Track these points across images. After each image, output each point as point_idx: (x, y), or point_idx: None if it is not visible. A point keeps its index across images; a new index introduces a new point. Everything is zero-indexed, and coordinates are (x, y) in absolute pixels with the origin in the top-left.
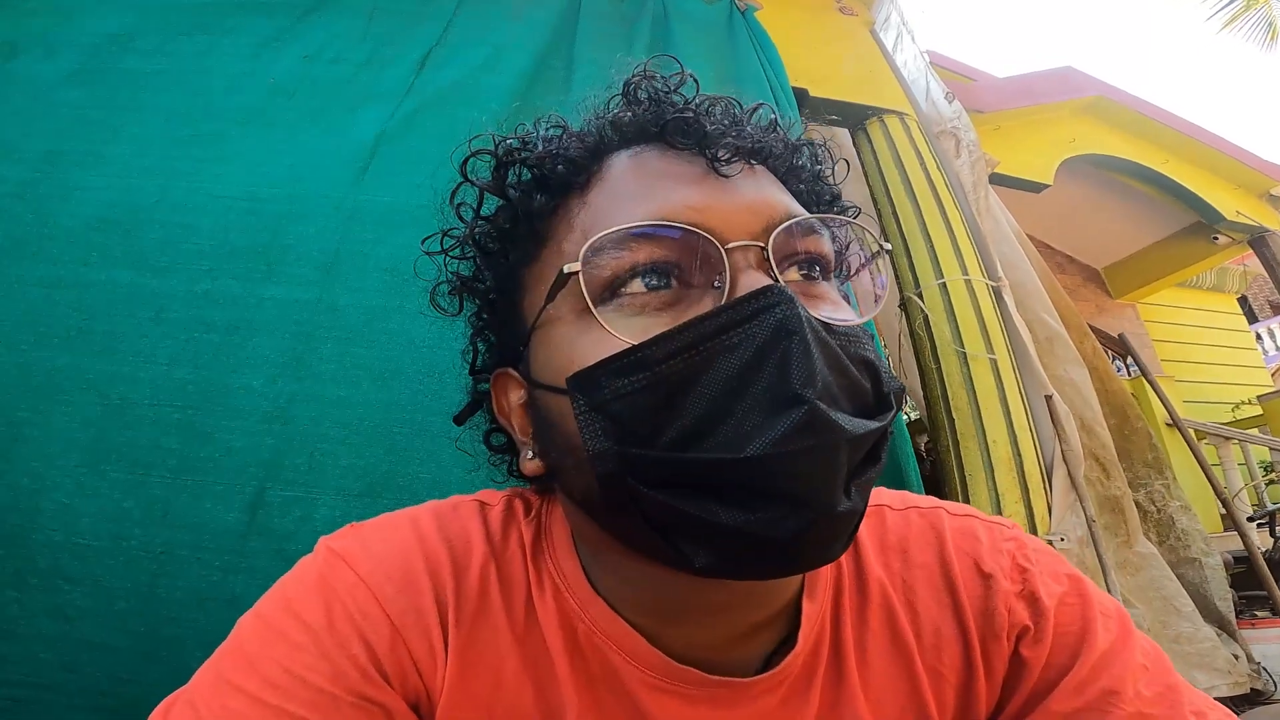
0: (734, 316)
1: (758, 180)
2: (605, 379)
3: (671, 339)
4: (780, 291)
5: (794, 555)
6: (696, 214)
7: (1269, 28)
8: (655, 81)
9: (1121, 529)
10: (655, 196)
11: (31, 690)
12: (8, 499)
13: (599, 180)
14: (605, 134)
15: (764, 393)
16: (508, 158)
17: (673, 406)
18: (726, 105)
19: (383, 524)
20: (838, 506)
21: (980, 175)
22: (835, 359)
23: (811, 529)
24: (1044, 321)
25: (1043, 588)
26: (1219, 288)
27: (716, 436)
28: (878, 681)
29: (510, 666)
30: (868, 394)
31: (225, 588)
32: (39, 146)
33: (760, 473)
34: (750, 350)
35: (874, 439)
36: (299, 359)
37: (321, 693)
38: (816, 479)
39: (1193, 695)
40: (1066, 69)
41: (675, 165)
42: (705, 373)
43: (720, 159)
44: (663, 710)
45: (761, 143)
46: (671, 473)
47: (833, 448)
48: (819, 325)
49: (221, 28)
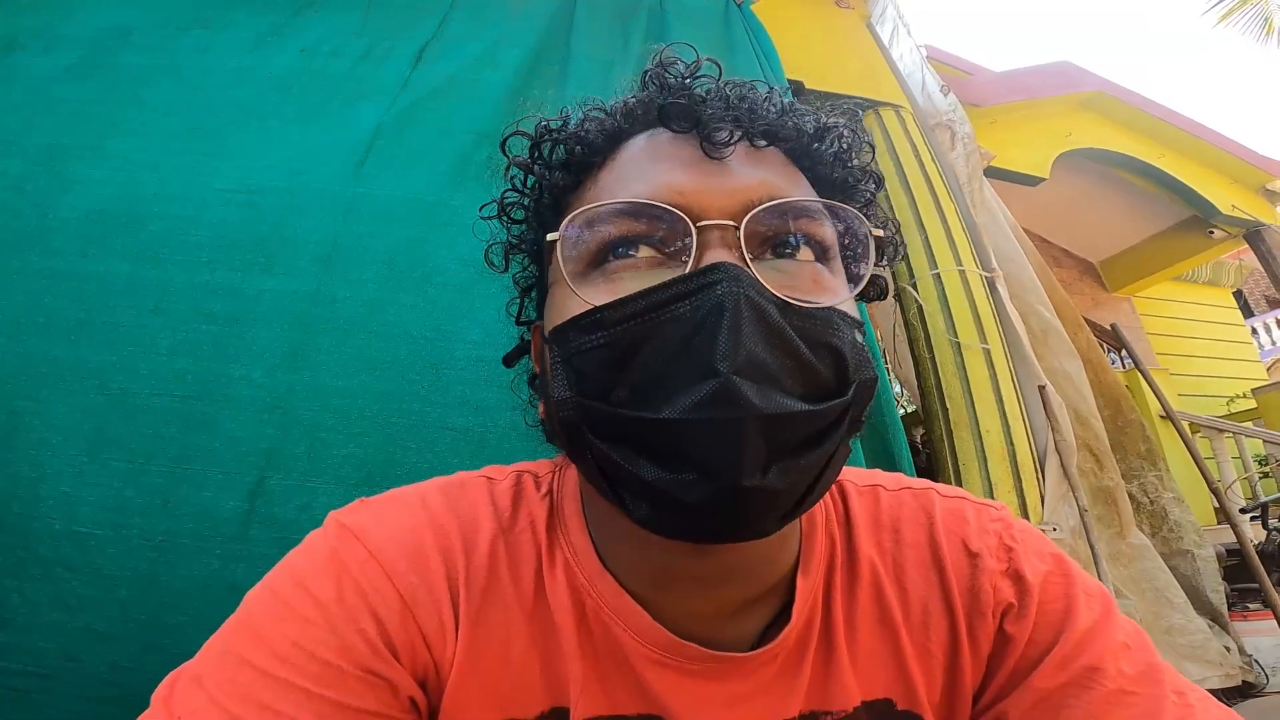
0: (680, 290)
1: (755, 163)
2: (573, 335)
3: (625, 304)
4: (725, 268)
5: (714, 522)
6: (677, 194)
7: (1265, 22)
8: (670, 68)
9: (1114, 520)
10: (647, 177)
11: (34, 680)
12: (9, 488)
13: (613, 161)
14: (621, 119)
15: (689, 363)
16: (540, 137)
17: (622, 366)
18: (744, 90)
19: (393, 499)
20: (743, 481)
21: (975, 168)
22: (780, 338)
23: (720, 499)
24: (1039, 314)
25: (1027, 566)
26: (1215, 282)
27: (648, 397)
28: (865, 657)
29: (518, 641)
30: (822, 376)
31: (226, 576)
32: (39, 140)
33: (671, 436)
34: (690, 322)
35: (807, 421)
36: (298, 350)
37: (329, 666)
38: (722, 451)
39: (1174, 676)
40: (1063, 64)
41: (675, 148)
42: (651, 338)
43: (712, 142)
44: (663, 684)
45: (768, 125)
46: (614, 426)
47: (738, 422)
48: (768, 305)
49: (219, 23)
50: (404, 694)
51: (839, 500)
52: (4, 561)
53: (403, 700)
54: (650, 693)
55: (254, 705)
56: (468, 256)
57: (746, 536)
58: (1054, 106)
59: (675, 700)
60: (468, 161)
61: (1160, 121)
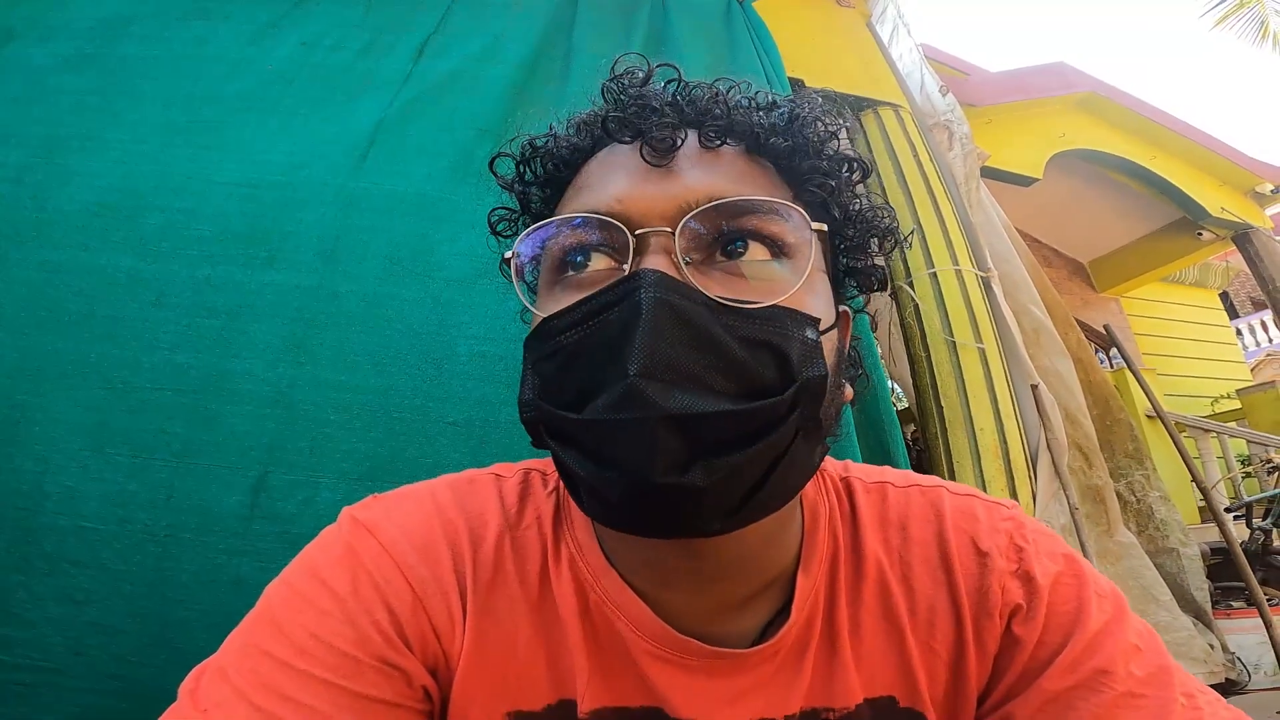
0: (608, 298)
1: (704, 165)
2: (532, 343)
3: (566, 314)
4: (644, 274)
5: (645, 518)
6: (616, 203)
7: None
8: (622, 80)
9: (1102, 518)
10: (598, 189)
11: (40, 674)
12: (12, 483)
13: (577, 176)
14: (585, 134)
15: (609, 367)
16: (523, 157)
17: (566, 371)
18: (694, 91)
19: (404, 495)
20: (656, 479)
21: (972, 168)
22: (704, 339)
23: (639, 495)
24: (1031, 313)
25: (1038, 566)
26: (1201, 283)
27: (580, 401)
28: (870, 655)
29: (524, 634)
30: (755, 375)
31: (230, 570)
32: (37, 132)
33: (591, 435)
34: (615, 328)
35: (729, 420)
36: (299, 344)
37: (345, 657)
38: (632, 449)
39: (1184, 678)
40: (1059, 64)
41: (624, 159)
42: (585, 345)
43: (653, 150)
44: (664, 679)
45: (716, 125)
46: (557, 426)
47: (641, 422)
48: (692, 306)
49: (218, 14)
50: (417, 683)
51: (844, 497)
52: (9, 557)
53: (416, 690)
54: (652, 686)
55: (276, 696)
56: (469, 251)
57: (692, 534)
58: (1049, 107)
59: (676, 695)
60: (469, 157)
61: (1153, 123)
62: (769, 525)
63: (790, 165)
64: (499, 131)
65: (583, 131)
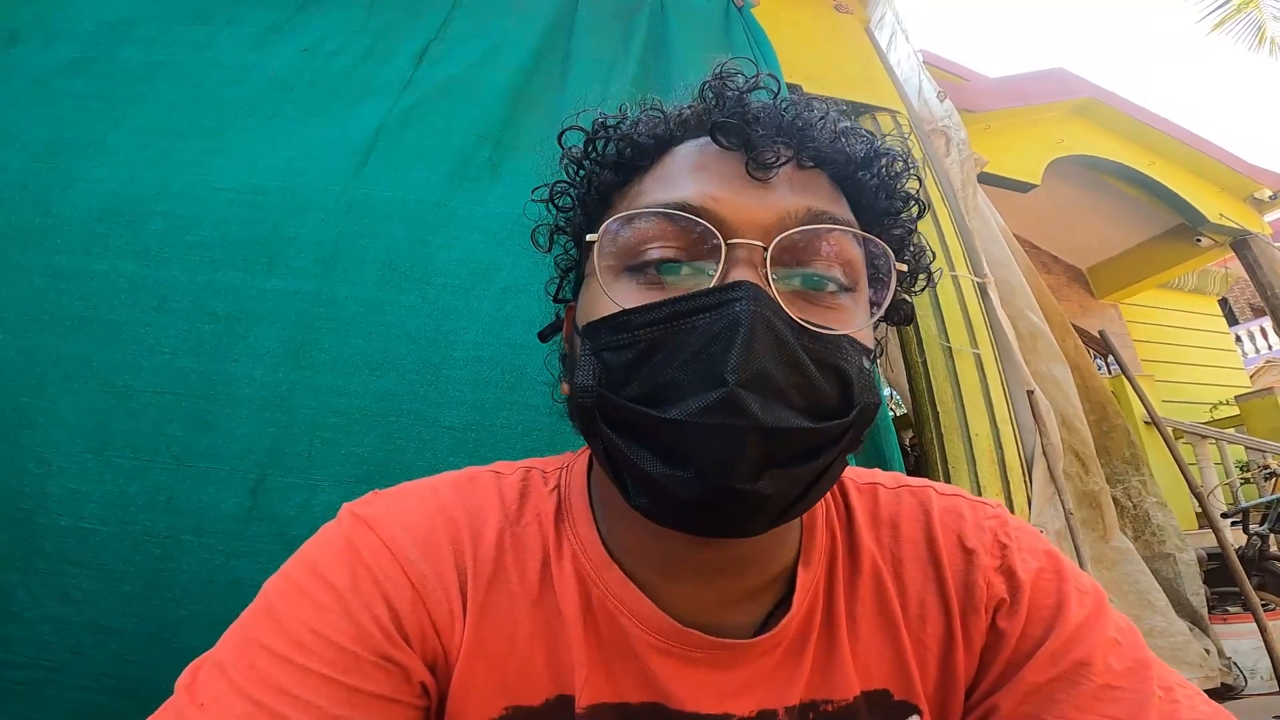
0: (702, 303)
1: (797, 185)
2: (602, 332)
3: (649, 311)
4: (745, 288)
5: (705, 518)
6: (713, 202)
7: (1258, 30)
8: (729, 81)
9: (1099, 523)
10: (687, 185)
11: (39, 672)
12: (14, 484)
13: (659, 165)
14: (673, 125)
15: (701, 371)
16: (595, 133)
17: (641, 366)
18: (799, 109)
19: (405, 492)
20: (735, 485)
21: (969, 174)
22: (790, 358)
23: (712, 498)
24: (1028, 319)
25: (1020, 563)
26: (1200, 289)
27: (659, 397)
28: (865, 649)
29: (523, 629)
30: (827, 397)
31: (229, 571)
32: (41, 136)
33: (676, 435)
34: (707, 334)
35: (804, 437)
36: (299, 349)
37: (345, 652)
38: (719, 454)
39: (1162, 671)
40: (1057, 70)
41: (720, 162)
42: (670, 345)
43: (758, 163)
44: (667, 672)
45: (817, 149)
46: (626, 418)
47: (739, 430)
48: (782, 325)
49: (220, 18)
50: (415, 679)
51: (839, 497)
52: (10, 556)
53: (414, 685)
54: (654, 680)
55: (274, 690)
56: (467, 258)
57: (736, 535)
58: (1047, 113)
59: (679, 687)
60: (468, 163)
61: (1151, 129)
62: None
63: (870, 202)
64: (497, 137)
65: (673, 124)
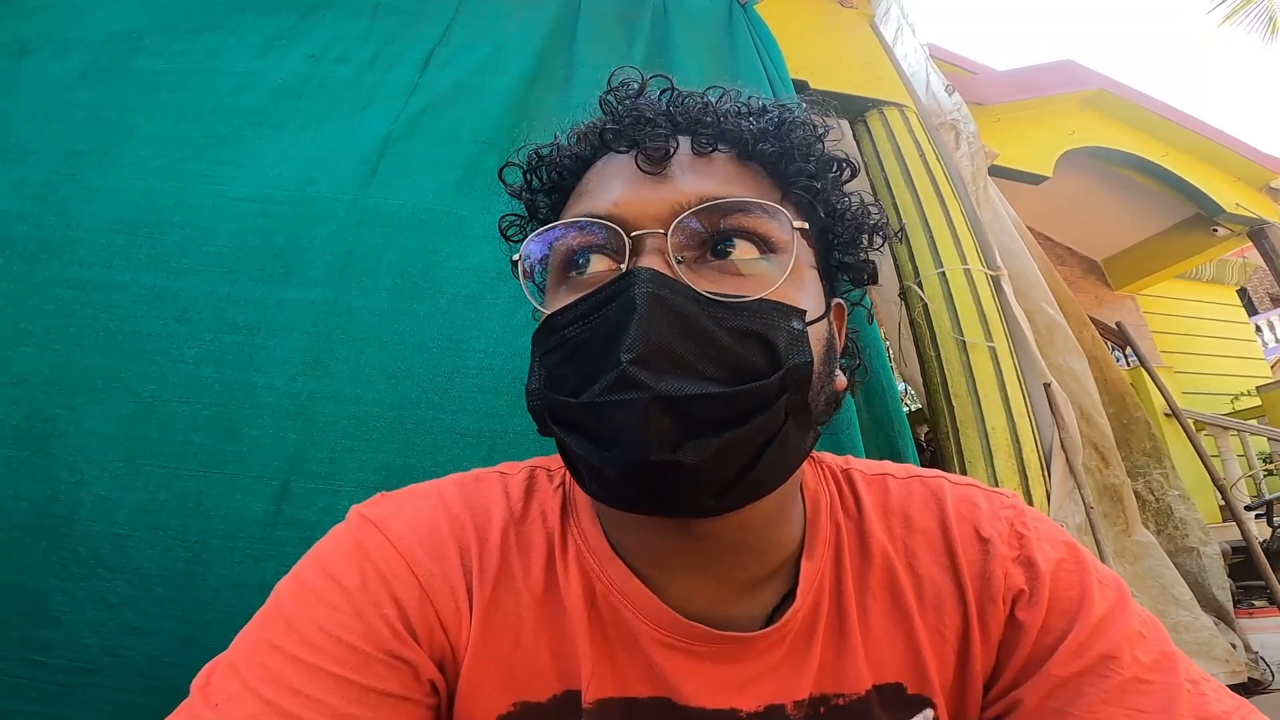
0: (606, 294)
1: (696, 170)
2: (539, 338)
3: (568, 310)
4: (638, 272)
5: (642, 495)
6: (614, 207)
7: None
8: (618, 92)
9: (1120, 517)
10: (597, 195)
11: (77, 674)
12: (49, 492)
13: (580, 184)
14: (586, 144)
15: (605, 355)
16: (530, 166)
17: (570, 361)
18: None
19: (411, 493)
20: (653, 456)
21: (979, 167)
22: (692, 329)
23: (634, 471)
24: (1043, 311)
25: (1039, 553)
26: (1218, 280)
27: (581, 387)
28: (878, 642)
29: (529, 626)
30: (743, 362)
31: (257, 574)
32: (57, 148)
33: (589, 416)
34: (611, 322)
35: (714, 402)
36: (317, 359)
37: (355, 650)
38: (628, 428)
39: (1188, 665)
40: (1067, 62)
41: (618, 166)
42: (585, 338)
43: (647, 159)
44: (673, 666)
45: (708, 133)
46: (561, 411)
47: (634, 403)
48: (681, 299)
49: (226, 26)
50: (424, 677)
51: (847, 488)
52: (46, 562)
53: (423, 683)
54: (660, 675)
55: (286, 690)
56: (477, 267)
57: (691, 513)
58: (1057, 105)
59: (684, 682)
60: (475, 170)
61: (1163, 120)
62: (767, 508)
63: (778, 169)
64: (503, 145)
65: (583, 142)
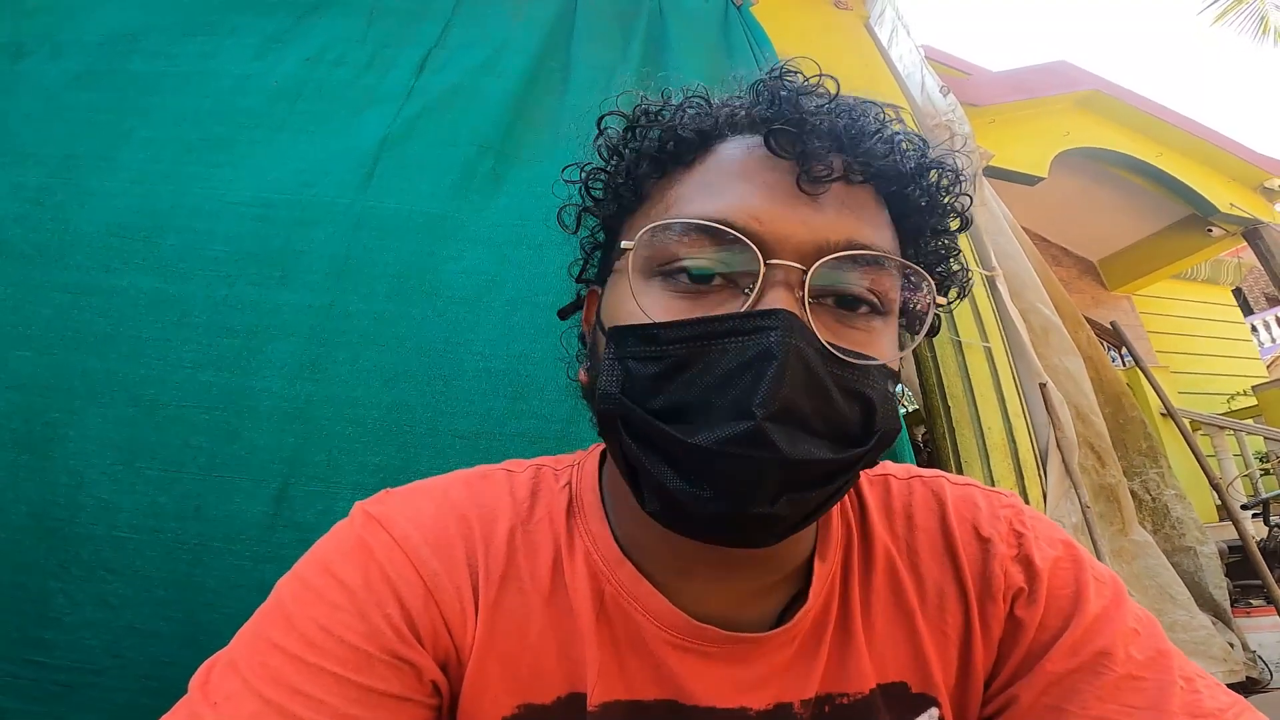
0: (735, 326)
1: (842, 201)
2: (630, 340)
3: (681, 327)
4: (781, 316)
5: (717, 533)
6: (756, 222)
7: (1260, 21)
8: (785, 81)
9: (1116, 517)
10: (731, 194)
11: (80, 675)
12: (49, 495)
13: (700, 162)
14: (721, 122)
15: (730, 399)
16: (635, 120)
17: (668, 380)
18: (853, 117)
19: (417, 490)
20: (752, 509)
21: (974, 168)
22: (818, 387)
23: (727, 518)
24: (1039, 311)
25: (1037, 552)
26: (1214, 280)
27: (685, 417)
28: (882, 642)
29: (535, 626)
30: (849, 424)
31: (256, 575)
32: (54, 151)
33: (698, 458)
34: (738, 360)
35: (825, 467)
36: (315, 362)
37: (356, 651)
38: (740, 482)
39: (1182, 662)
40: (1061, 63)
41: (767, 170)
42: (698, 364)
43: (809, 177)
44: (683, 667)
45: (869, 165)
46: (646, 430)
47: (761, 463)
48: (814, 355)
49: (223, 28)
50: (427, 678)
51: (852, 490)
52: (47, 564)
53: (426, 684)
54: (669, 677)
55: (285, 689)
56: (473, 269)
57: (751, 546)
58: (1052, 106)
59: (694, 683)
60: (471, 173)
61: (1157, 120)
62: None
63: (914, 219)
64: (499, 147)
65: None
